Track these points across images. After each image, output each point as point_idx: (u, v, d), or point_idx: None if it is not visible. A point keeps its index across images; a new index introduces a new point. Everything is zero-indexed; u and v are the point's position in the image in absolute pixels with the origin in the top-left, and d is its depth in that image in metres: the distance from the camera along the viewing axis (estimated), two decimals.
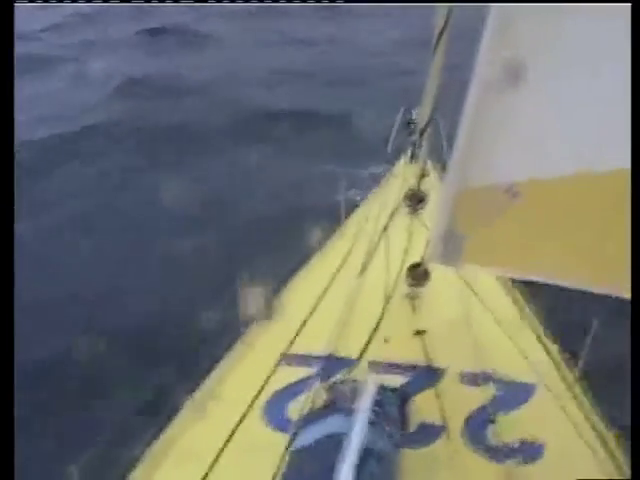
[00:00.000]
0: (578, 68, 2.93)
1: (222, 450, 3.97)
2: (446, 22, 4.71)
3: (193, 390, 4.46)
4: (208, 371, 4.65)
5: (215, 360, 4.74)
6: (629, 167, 2.65)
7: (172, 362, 4.26)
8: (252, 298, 4.62)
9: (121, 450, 3.86)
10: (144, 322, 7.75)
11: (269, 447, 3.90)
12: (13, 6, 3.56)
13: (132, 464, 3.90)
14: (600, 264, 3.21)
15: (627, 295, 2.53)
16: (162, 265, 9.22)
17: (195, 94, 17.84)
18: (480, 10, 2.94)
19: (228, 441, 4.03)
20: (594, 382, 4.41)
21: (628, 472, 3.65)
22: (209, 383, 4.53)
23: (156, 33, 26.14)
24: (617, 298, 3.02)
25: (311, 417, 3.94)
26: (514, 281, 5.54)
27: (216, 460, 3.90)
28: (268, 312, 4.94)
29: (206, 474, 3.82)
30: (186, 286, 8.42)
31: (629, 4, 2.56)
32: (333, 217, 6.42)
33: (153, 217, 10.71)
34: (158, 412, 4.20)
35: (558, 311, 4.97)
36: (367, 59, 21.24)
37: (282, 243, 8.42)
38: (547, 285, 4.44)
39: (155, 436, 4.10)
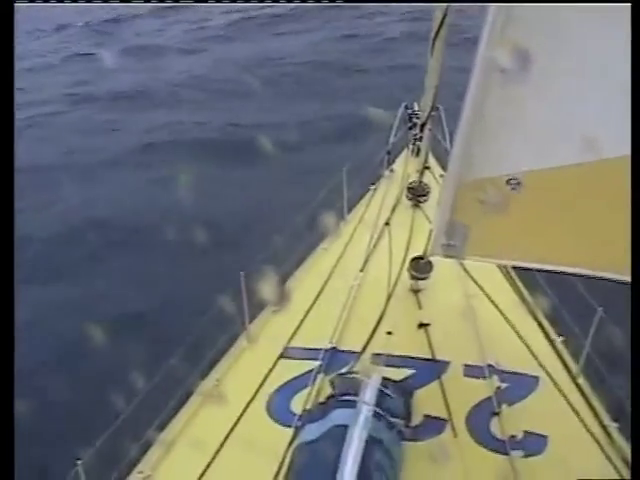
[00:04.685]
0: (581, 60, 2.93)
1: (227, 443, 3.98)
2: (444, 17, 4.70)
3: (198, 383, 4.47)
4: (213, 364, 4.66)
5: (219, 353, 4.75)
6: (629, 154, 2.65)
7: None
8: (261, 288, 4.63)
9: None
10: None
11: (273, 440, 3.92)
12: (13, 6, 3.57)
13: (139, 454, 3.92)
14: (601, 250, 3.22)
15: (627, 278, 2.54)
16: None
17: None
18: None
19: (233, 434, 4.05)
20: (598, 373, 4.41)
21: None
22: (214, 376, 4.55)
23: None
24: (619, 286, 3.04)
25: (315, 411, 3.95)
26: (517, 274, 5.54)
27: (221, 452, 3.92)
28: (277, 302, 4.95)
29: (211, 466, 3.84)
30: None
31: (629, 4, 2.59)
32: None
33: None
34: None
35: (561, 303, 4.96)
36: None
37: None
38: (550, 278, 4.45)
39: (162, 427, 4.12)
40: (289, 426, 4.03)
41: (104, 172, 13.08)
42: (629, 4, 2.56)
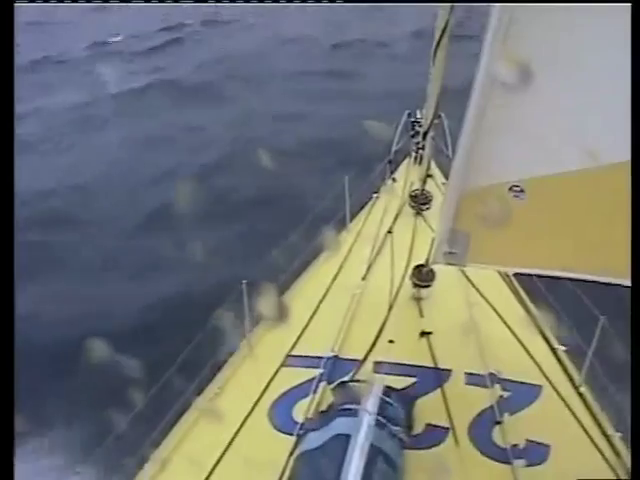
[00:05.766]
0: (582, 67, 2.93)
1: (229, 451, 3.97)
2: (447, 24, 4.72)
3: (199, 392, 4.46)
4: (213, 373, 4.64)
5: (220, 361, 4.74)
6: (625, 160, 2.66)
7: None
8: (260, 299, 4.60)
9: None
10: None
11: (275, 449, 3.90)
12: (13, 6, 3.58)
13: (139, 465, 3.91)
14: (603, 255, 3.21)
15: (628, 283, 2.54)
16: None
17: None
18: None
19: (235, 442, 4.03)
20: (601, 382, 4.39)
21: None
22: (215, 384, 4.54)
23: None
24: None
25: (317, 420, 3.94)
26: (520, 282, 5.53)
27: (223, 461, 3.91)
28: (277, 313, 4.93)
29: (213, 474, 3.82)
30: None
31: (629, 4, 2.59)
32: None
33: None
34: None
35: (564, 312, 4.95)
36: None
37: None
38: (553, 286, 4.44)
39: (164, 435, 4.10)
40: (291, 435, 4.01)
41: None
42: (629, 4, 2.57)
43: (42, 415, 6.44)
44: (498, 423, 4.15)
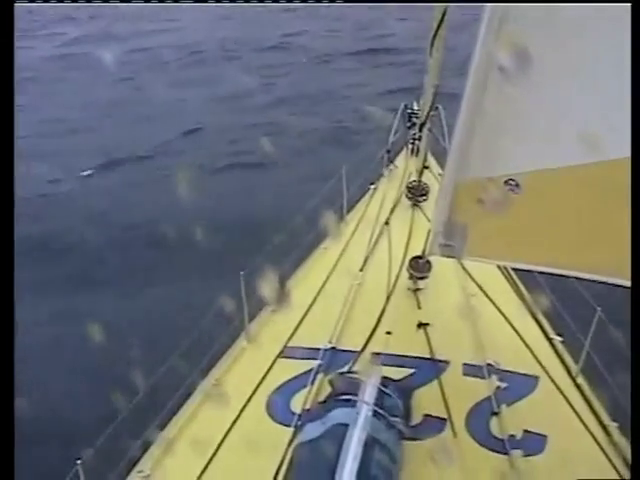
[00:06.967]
0: (580, 59, 2.92)
1: (227, 442, 3.98)
2: (443, 17, 4.71)
3: (198, 382, 4.47)
4: (212, 363, 4.66)
5: (219, 352, 4.75)
6: (629, 156, 2.63)
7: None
8: (263, 287, 4.61)
9: None
10: None
11: (273, 439, 3.92)
12: (13, 6, 3.57)
13: (139, 453, 3.92)
14: (600, 252, 3.21)
15: (626, 282, 2.52)
16: None
17: None
18: None
19: (232, 433, 4.05)
20: (597, 373, 4.41)
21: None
22: (213, 375, 4.55)
23: None
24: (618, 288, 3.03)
25: (315, 410, 3.96)
26: (517, 273, 5.55)
27: (221, 452, 3.92)
28: (278, 302, 4.95)
29: (210, 465, 3.84)
30: None
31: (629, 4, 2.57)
32: None
33: None
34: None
35: (561, 303, 4.96)
36: None
37: None
38: (550, 277, 4.45)
39: (162, 426, 4.11)
40: (289, 425, 4.03)
41: None
42: (629, 4, 2.55)
43: None
44: (495, 414, 4.16)
